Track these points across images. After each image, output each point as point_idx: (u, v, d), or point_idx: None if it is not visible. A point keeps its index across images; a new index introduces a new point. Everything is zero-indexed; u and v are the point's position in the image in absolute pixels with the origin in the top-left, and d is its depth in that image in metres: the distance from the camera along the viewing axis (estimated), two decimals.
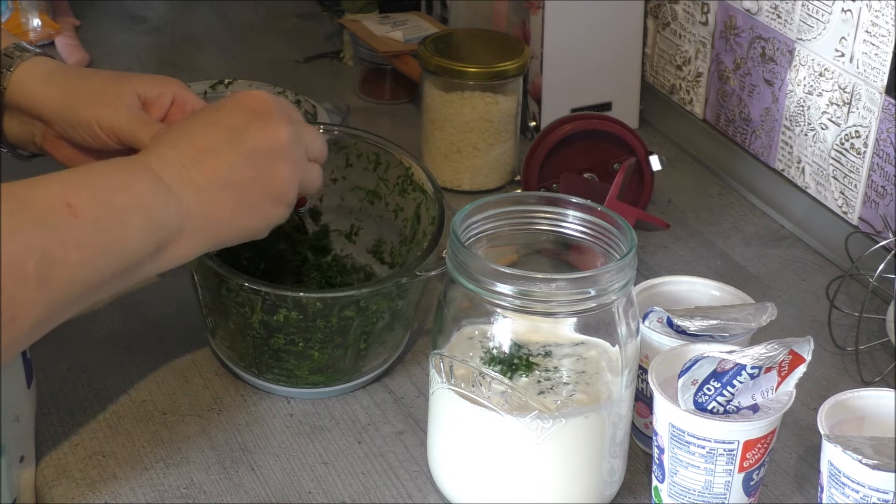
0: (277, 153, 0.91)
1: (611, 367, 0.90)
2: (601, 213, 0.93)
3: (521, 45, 1.37)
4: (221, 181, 0.89)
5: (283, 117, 0.93)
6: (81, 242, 0.80)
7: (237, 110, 0.92)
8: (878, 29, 1.17)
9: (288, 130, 0.92)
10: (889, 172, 1.19)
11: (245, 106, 0.92)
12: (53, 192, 0.81)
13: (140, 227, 0.85)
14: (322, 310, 0.98)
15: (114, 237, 0.83)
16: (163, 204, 0.86)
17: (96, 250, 0.81)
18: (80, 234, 0.80)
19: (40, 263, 0.77)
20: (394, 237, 1.13)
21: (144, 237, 0.85)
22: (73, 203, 0.80)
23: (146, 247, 0.85)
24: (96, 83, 1.00)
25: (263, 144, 0.91)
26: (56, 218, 0.79)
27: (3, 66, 1.00)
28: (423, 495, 0.97)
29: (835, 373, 1.12)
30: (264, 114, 0.92)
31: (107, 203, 0.83)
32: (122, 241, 0.83)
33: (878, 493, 0.85)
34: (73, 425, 1.02)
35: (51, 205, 0.80)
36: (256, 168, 0.90)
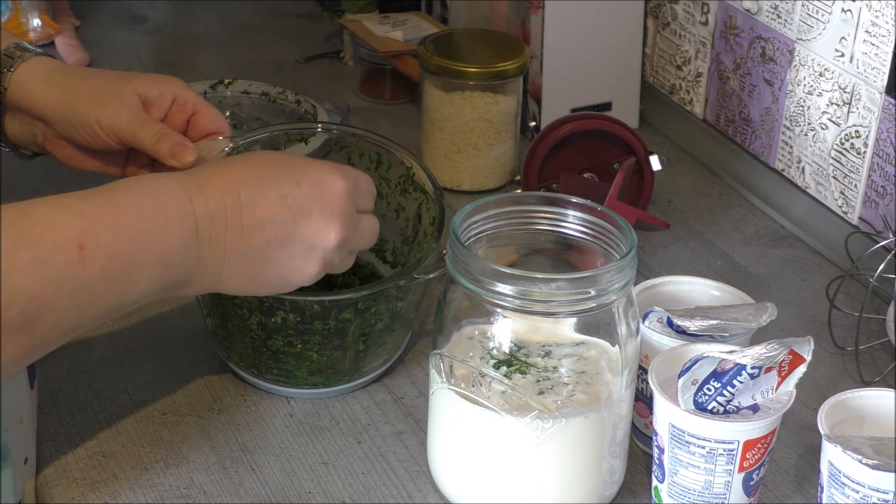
0: (316, 254, 0.90)
1: (611, 367, 0.90)
2: (601, 213, 0.93)
3: (521, 45, 1.37)
4: (252, 254, 0.88)
5: (343, 221, 0.90)
6: (79, 290, 0.78)
7: (308, 196, 0.89)
8: (878, 29, 1.17)
9: (340, 236, 0.90)
10: (889, 172, 1.19)
11: (318, 195, 0.89)
12: (72, 228, 0.78)
13: (147, 280, 0.82)
14: (320, 312, 0.98)
15: (115, 287, 0.81)
16: (181, 262, 0.84)
17: (93, 297, 0.79)
18: (81, 281, 0.78)
19: (25, 310, 0.75)
20: (396, 236, 1.13)
21: (148, 290, 0.83)
22: (86, 245, 0.78)
23: (148, 295, 0.84)
24: (97, 83, 1.00)
25: (309, 241, 0.89)
26: (60, 261, 0.77)
27: (3, 66, 1.00)
28: (423, 495, 0.97)
29: (835, 373, 1.12)
30: (331, 213, 0.89)
31: (123, 254, 0.80)
32: (123, 291, 0.81)
33: (878, 493, 0.85)
34: (73, 425, 1.02)
35: (61, 244, 0.77)
36: (288, 255, 0.89)
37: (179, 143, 0.98)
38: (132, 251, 0.81)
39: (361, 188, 0.93)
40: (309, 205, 0.89)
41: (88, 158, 1.03)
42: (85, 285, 0.78)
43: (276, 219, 0.88)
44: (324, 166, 0.91)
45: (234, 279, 0.88)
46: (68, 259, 0.77)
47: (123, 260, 0.80)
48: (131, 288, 0.81)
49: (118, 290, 0.81)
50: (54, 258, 0.77)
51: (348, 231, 0.90)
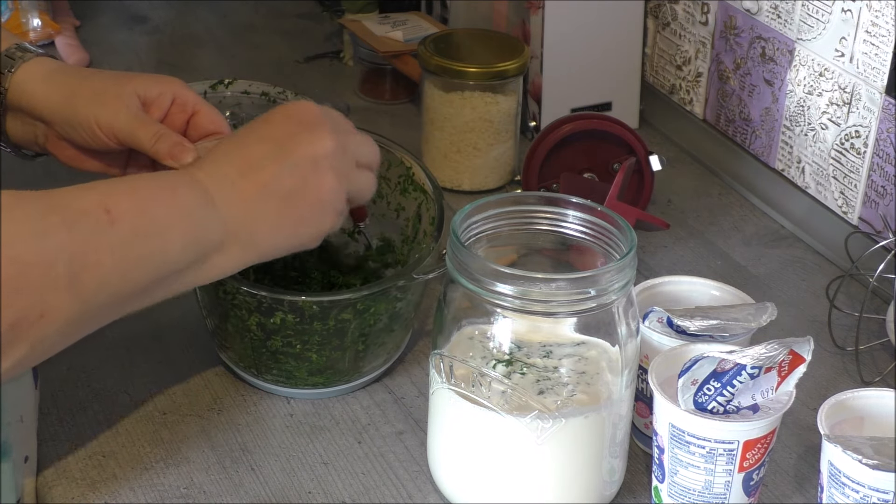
0: (322, 163, 0.91)
1: (611, 367, 0.90)
2: (601, 213, 0.93)
3: (521, 45, 1.37)
4: (265, 193, 0.89)
5: (329, 127, 0.93)
6: (116, 248, 0.80)
7: (285, 122, 0.92)
8: (878, 29, 1.17)
9: (333, 140, 0.92)
10: (889, 172, 1.19)
11: (292, 117, 0.93)
12: (92, 197, 0.81)
13: (179, 239, 0.85)
14: (319, 313, 0.98)
15: (151, 247, 0.83)
16: (205, 218, 0.87)
17: (131, 258, 0.82)
18: (115, 240, 0.80)
19: (70, 265, 0.77)
20: (396, 236, 1.13)
21: (183, 249, 0.85)
22: (112, 209, 0.81)
23: (185, 259, 0.86)
24: (96, 83, 1.00)
25: (308, 154, 0.91)
26: (91, 222, 0.80)
27: (4, 67, 1.00)
28: (423, 495, 0.97)
29: (835, 373, 1.12)
30: (310, 124, 0.92)
31: (147, 212, 0.83)
32: (159, 251, 0.84)
33: (878, 493, 0.85)
34: (73, 425, 1.02)
35: (87, 209, 0.80)
36: (300, 178, 0.90)
37: (178, 144, 0.98)
38: (154, 212, 0.84)
39: (331, 114, 0.95)
40: (288, 129, 0.92)
41: (89, 159, 1.03)
42: (120, 245, 0.81)
43: (266, 155, 0.90)
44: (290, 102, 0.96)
45: (266, 227, 0.90)
46: (98, 220, 0.80)
47: (149, 219, 0.83)
48: (167, 248, 0.84)
49: (154, 251, 0.83)
50: (85, 221, 0.79)
51: (338, 135, 0.92)
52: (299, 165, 0.90)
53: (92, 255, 0.79)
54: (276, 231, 0.91)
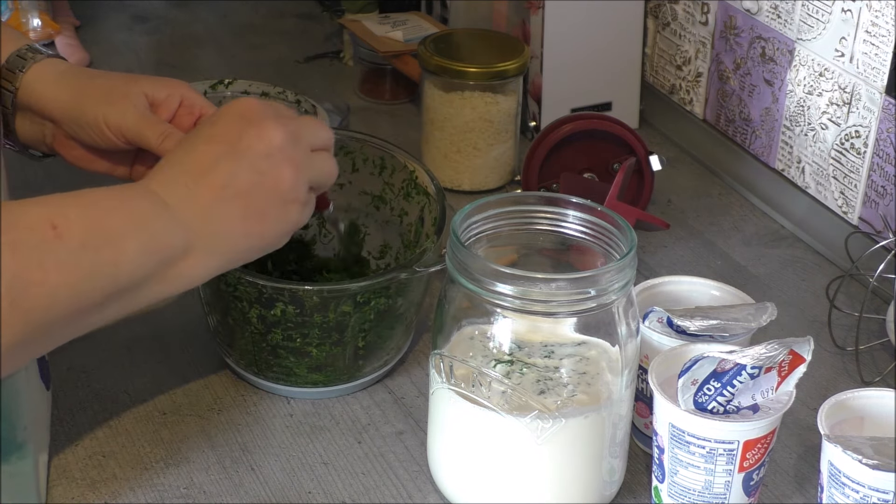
0: (276, 155, 0.90)
1: (611, 367, 0.90)
2: (601, 213, 0.93)
3: (521, 45, 1.37)
4: (224, 194, 0.88)
5: (275, 118, 0.91)
6: (63, 264, 0.78)
7: (230, 121, 0.91)
8: (878, 29, 1.17)
9: (282, 130, 0.91)
10: (889, 172, 1.19)
11: (236, 115, 0.91)
12: (39, 212, 0.80)
13: (135, 249, 0.83)
14: (319, 304, 0.99)
15: (103, 258, 0.81)
16: (162, 225, 0.85)
17: (81, 272, 0.80)
18: (63, 255, 0.79)
19: (12, 286, 0.75)
20: (398, 242, 1.13)
21: (141, 259, 0.83)
22: (59, 224, 0.79)
23: (143, 269, 0.84)
24: (105, 83, 1.01)
25: (259, 149, 0.90)
26: (36, 239, 0.78)
27: (15, 67, 1.01)
28: (423, 495, 0.97)
29: (835, 373, 1.12)
30: (255, 119, 0.91)
31: (97, 224, 0.82)
32: (111, 262, 0.82)
33: (878, 493, 0.85)
34: (73, 425, 1.02)
35: (33, 225, 0.78)
36: (257, 173, 0.89)
37: None
38: (106, 222, 0.82)
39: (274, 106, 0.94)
40: (234, 127, 0.90)
41: (96, 159, 1.04)
42: (68, 258, 0.79)
43: (218, 156, 0.89)
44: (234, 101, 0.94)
45: (229, 229, 0.89)
46: (44, 237, 0.78)
47: (100, 230, 0.81)
48: (121, 259, 0.82)
49: (106, 262, 0.81)
50: (30, 238, 0.78)
51: (285, 125, 0.91)
52: (253, 161, 0.89)
53: (36, 273, 0.77)
54: (240, 232, 0.89)
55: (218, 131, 0.91)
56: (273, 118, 0.91)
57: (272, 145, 0.90)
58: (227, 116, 0.92)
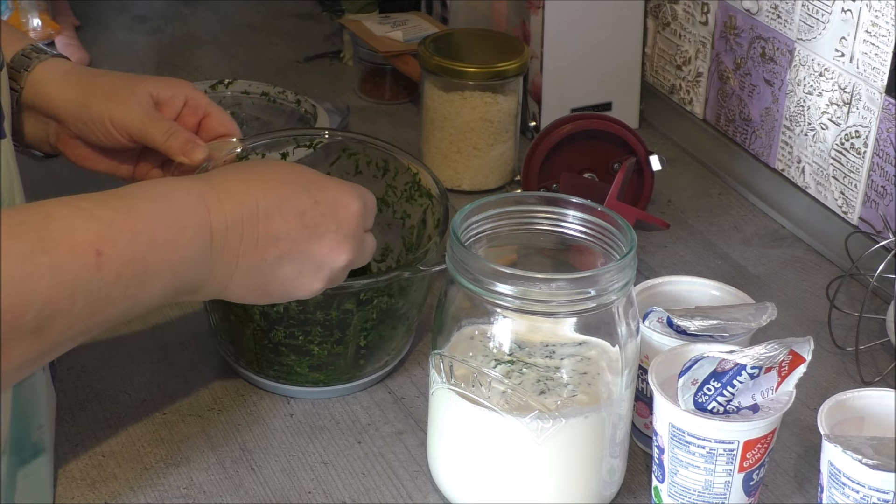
0: (324, 271, 0.90)
1: (611, 367, 0.90)
2: (601, 213, 0.93)
3: (521, 45, 1.37)
4: (260, 267, 0.87)
5: (354, 245, 0.91)
6: (93, 295, 0.77)
7: (326, 215, 0.89)
8: (878, 29, 1.17)
9: (350, 258, 0.90)
10: (889, 172, 1.19)
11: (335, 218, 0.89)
12: (89, 234, 0.77)
13: (159, 288, 0.81)
14: (322, 301, 0.99)
15: (128, 294, 0.79)
16: (193, 270, 0.84)
17: (105, 304, 0.78)
18: (96, 287, 0.77)
19: (40, 315, 0.74)
20: (399, 244, 1.13)
21: (159, 297, 0.82)
22: (104, 252, 0.77)
23: (155, 303, 0.83)
24: (111, 82, 1.01)
25: (318, 257, 0.89)
26: (78, 266, 0.76)
27: (20, 66, 1.01)
28: (423, 495, 0.97)
29: (835, 373, 1.12)
30: (343, 235, 0.90)
31: (139, 260, 0.79)
32: (134, 298, 0.80)
33: (878, 493, 0.85)
34: (73, 425, 1.02)
35: (78, 249, 0.76)
36: (296, 272, 0.89)
37: (190, 141, 0.99)
38: (147, 258, 0.80)
39: (369, 208, 0.93)
40: (325, 224, 0.89)
41: (100, 158, 1.04)
42: (98, 291, 0.77)
43: (291, 235, 0.87)
44: (340, 186, 0.91)
45: (240, 288, 0.88)
46: (85, 264, 0.76)
47: (139, 267, 0.79)
48: (143, 294, 0.80)
49: (130, 297, 0.80)
50: (72, 263, 0.75)
51: (357, 253, 0.91)
52: (304, 262, 0.88)
53: (66, 302, 0.75)
54: (246, 294, 0.88)
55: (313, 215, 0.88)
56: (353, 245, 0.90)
57: (329, 264, 0.89)
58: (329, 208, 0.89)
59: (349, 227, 0.90)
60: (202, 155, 0.99)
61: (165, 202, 0.82)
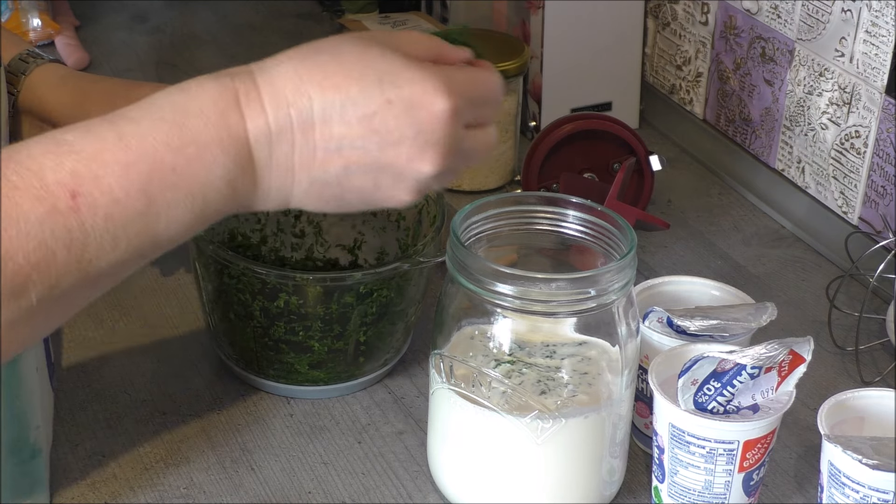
0: (408, 181, 0.76)
1: (611, 368, 0.90)
2: (601, 213, 0.93)
3: (521, 45, 1.37)
4: (323, 178, 0.74)
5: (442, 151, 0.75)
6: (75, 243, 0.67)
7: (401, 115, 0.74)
8: (878, 29, 1.17)
9: (437, 167, 0.75)
10: (889, 172, 1.19)
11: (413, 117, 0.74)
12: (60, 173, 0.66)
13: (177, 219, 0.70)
14: (322, 295, 0.99)
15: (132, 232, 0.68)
16: (228, 193, 0.71)
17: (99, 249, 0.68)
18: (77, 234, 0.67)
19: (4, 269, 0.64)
20: (395, 247, 1.13)
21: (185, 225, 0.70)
22: (81, 192, 0.66)
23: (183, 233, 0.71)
24: (108, 86, 1.02)
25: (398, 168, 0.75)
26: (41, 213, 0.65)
27: (18, 70, 1.02)
28: (423, 495, 0.97)
29: (835, 373, 1.12)
30: (425, 139, 0.74)
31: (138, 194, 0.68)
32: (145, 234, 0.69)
33: (878, 493, 0.85)
34: (73, 425, 1.02)
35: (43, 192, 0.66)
36: (376, 186, 0.76)
37: None
38: (149, 189, 0.68)
39: (477, 99, 0.77)
40: (400, 130, 0.74)
41: None
42: (84, 237, 0.67)
43: (356, 143, 0.73)
44: (425, 78, 0.74)
45: (307, 200, 0.75)
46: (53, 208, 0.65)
47: (138, 201, 0.68)
48: (156, 228, 0.69)
49: (138, 234, 0.69)
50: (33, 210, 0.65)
51: (448, 160, 0.76)
52: (380, 173, 0.75)
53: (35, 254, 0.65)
54: (319, 206, 0.76)
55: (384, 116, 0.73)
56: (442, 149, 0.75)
57: (413, 175, 0.76)
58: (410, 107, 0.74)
59: (433, 132, 0.74)
60: None
61: (179, 115, 0.70)
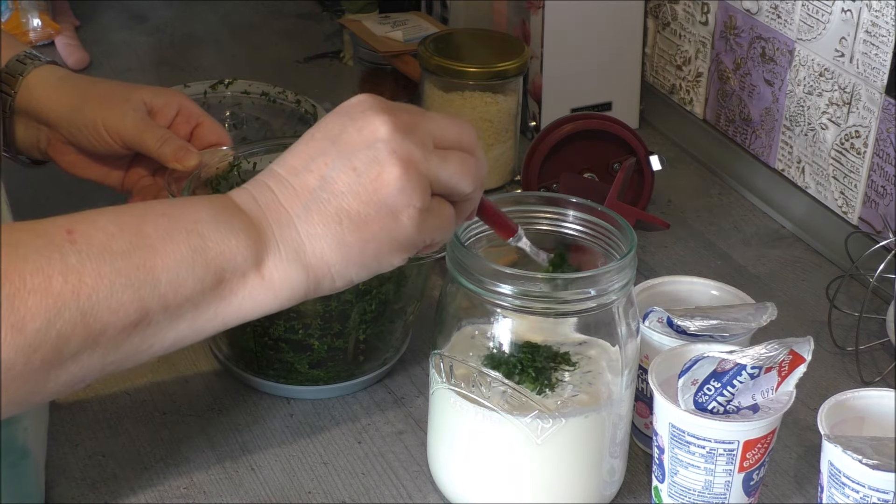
0: (379, 148, 0.76)
1: (611, 367, 0.90)
2: (601, 213, 0.93)
3: (521, 45, 1.37)
4: (314, 197, 0.76)
5: (385, 110, 0.77)
6: (73, 270, 0.68)
7: (334, 118, 0.79)
8: (878, 29, 1.17)
9: (388, 121, 0.76)
10: (889, 172, 1.19)
11: (342, 111, 0.79)
12: (56, 220, 0.70)
13: (180, 255, 0.72)
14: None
15: (132, 265, 0.70)
16: (223, 230, 0.74)
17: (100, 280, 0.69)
18: (74, 260, 0.68)
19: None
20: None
21: (188, 268, 0.73)
22: (76, 229, 0.69)
23: (194, 279, 0.73)
24: (106, 88, 1.02)
25: (358, 141, 0.76)
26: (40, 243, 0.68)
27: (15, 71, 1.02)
28: (423, 495, 0.97)
29: (835, 373, 1.12)
30: (360, 113, 0.77)
31: (129, 229, 0.71)
32: (147, 269, 0.71)
33: (878, 493, 0.85)
34: (73, 425, 1.02)
35: (43, 231, 0.69)
36: (354, 170, 0.76)
37: (183, 148, 1.00)
38: (143, 227, 0.71)
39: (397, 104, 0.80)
40: (338, 124, 0.77)
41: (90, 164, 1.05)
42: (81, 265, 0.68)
43: (314, 154, 0.77)
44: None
45: (317, 234, 0.76)
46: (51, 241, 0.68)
47: (132, 235, 0.71)
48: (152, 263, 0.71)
49: (139, 267, 0.70)
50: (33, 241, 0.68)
51: (396, 115, 0.77)
52: (351, 157, 0.76)
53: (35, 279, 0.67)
54: (333, 242, 0.77)
55: (320, 130, 0.79)
56: (382, 110, 0.77)
57: (372, 137, 0.76)
58: (334, 114, 0.79)
59: (364, 103, 0.77)
60: (195, 161, 1.00)
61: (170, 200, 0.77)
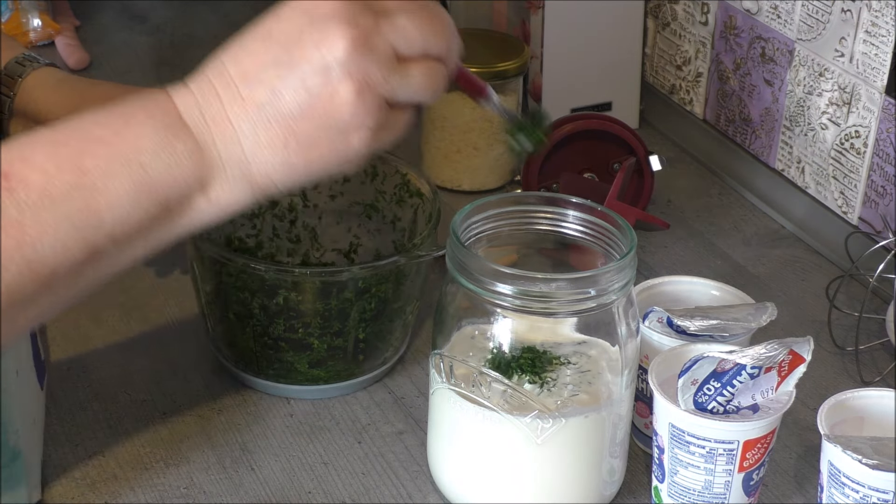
0: (334, 70, 0.72)
1: (611, 367, 0.90)
2: (601, 213, 0.93)
3: (521, 45, 1.37)
4: (262, 115, 0.73)
5: (346, 19, 0.72)
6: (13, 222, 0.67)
7: (294, 16, 0.73)
8: (878, 29, 1.17)
9: (348, 36, 0.72)
10: (889, 172, 1.19)
11: (300, 10, 0.73)
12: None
13: (124, 189, 0.70)
14: (321, 290, 0.99)
15: (73, 210, 0.69)
16: (166, 158, 0.72)
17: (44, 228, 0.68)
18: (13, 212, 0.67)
19: None
20: (390, 248, 1.13)
21: (134, 202, 0.70)
22: (12, 173, 0.67)
23: (141, 212, 0.71)
24: (105, 89, 1.02)
25: (314, 60, 0.72)
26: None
27: (14, 73, 1.02)
28: (423, 495, 0.97)
29: (835, 373, 1.12)
30: (321, 18, 0.72)
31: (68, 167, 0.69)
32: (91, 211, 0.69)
33: (878, 493, 0.85)
34: (73, 425, 1.02)
35: None
36: (307, 91, 0.72)
37: None
38: (82, 162, 0.70)
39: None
40: (297, 27, 0.73)
41: None
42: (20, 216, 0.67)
43: (267, 61, 0.73)
44: None
45: (264, 156, 0.74)
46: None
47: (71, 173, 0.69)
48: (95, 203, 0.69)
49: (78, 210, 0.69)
50: None
51: (357, 27, 0.72)
52: (305, 76, 0.72)
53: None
54: (279, 161, 0.74)
55: (278, 28, 0.74)
56: (343, 19, 0.72)
57: (331, 57, 0.72)
58: (290, 9, 0.74)
59: (321, 9, 0.73)
60: None
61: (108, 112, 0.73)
